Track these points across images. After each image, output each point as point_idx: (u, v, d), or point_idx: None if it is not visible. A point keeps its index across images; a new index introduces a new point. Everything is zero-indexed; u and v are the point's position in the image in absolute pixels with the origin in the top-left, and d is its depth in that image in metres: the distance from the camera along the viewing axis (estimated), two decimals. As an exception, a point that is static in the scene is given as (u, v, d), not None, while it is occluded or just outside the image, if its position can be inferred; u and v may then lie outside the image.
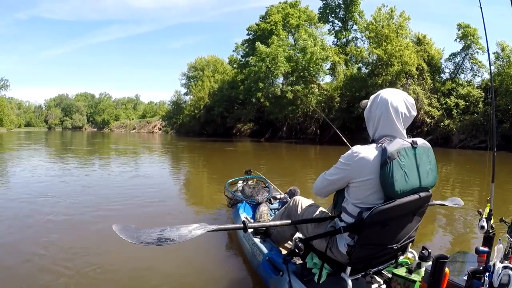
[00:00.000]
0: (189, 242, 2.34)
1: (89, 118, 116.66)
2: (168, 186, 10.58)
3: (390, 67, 28.62)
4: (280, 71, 35.70)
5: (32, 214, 6.53)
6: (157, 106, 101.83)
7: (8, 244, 4.97)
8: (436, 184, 2.76)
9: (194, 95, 53.02)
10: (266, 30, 43.14)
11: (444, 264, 2.35)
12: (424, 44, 31.26)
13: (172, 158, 19.89)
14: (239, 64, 48.32)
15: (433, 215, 6.41)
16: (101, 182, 10.72)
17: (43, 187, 9.25)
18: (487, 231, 2.90)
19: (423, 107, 27.88)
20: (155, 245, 2.19)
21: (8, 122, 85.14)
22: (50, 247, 4.80)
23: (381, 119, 2.56)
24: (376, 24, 31.16)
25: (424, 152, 2.58)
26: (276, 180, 7.86)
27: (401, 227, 2.69)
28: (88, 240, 5.14)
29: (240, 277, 4.02)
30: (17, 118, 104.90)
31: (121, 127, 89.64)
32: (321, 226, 2.88)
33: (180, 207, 7.70)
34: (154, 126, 75.51)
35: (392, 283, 2.76)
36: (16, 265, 4.22)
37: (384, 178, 2.37)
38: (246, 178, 6.16)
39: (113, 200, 7.88)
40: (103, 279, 3.94)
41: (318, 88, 36.45)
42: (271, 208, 4.84)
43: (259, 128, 44.21)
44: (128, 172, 12.79)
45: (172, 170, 14.80)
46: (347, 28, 44.57)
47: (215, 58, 58.93)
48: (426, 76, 29.66)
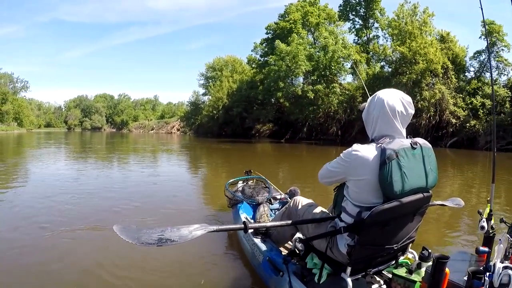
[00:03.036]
0: (190, 242, 2.35)
1: (108, 119, 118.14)
2: (182, 186, 10.50)
3: (414, 65, 27.76)
4: (301, 70, 35.21)
5: (46, 210, 6.90)
6: (175, 107, 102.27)
7: (29, 240, 5.18)
8: (460, 188, 2.51)
9: (213, 95, 52.73)
10: (286, 28, 42.49)
11: (445, 264, 2.34)
12: (448, 42, 30.22)
13: (189, 159, 19.92)
14: (258, 63, 47.97)
15: (433, 215, 6.39)
16: (114, 180, 11.12)
17: (60, 184, 9.85)
18: (487, 231, 2.89)
19: (448, 107, 27.11)
20: (156, 246, 2.20)
21: (28, 122, 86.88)
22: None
23: (379, 119, 2.56)
24: (399, 21, 30.37)
25: (424, 153, 2.57)
26: (299, 185, 7.68)
27: (401, 228, 2.69)
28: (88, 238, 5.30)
29: (240, 278, 4.04)
30: (37, 119, 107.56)
31: (140, 128, 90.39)
32: (321, 226, 2.89)
33: (187, 207, 7.61)
34: (172, 126, 75.63)
35: (392, 283, 2.77)
36: (41, 263, 4.35)
37: (383, 179, 2.37)
38: (246, 178, 6.15)
39: (121, 198, 8.10)
40: (104, 279, 3.97)
41: (340, 88, 35.83)
42: (271, 209, 4.87)
43: (278, 129, 43.66)
44: (142, 171, 13.12)
45: (188, 171, 14.81)
46: (368, 26, 43.95)
47: (233, 58, 58.87)
48: (451, 74, 28.72)
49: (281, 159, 20.44)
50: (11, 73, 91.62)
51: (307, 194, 6.40)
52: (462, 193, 9.13)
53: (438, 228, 6.05)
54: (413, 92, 27.23)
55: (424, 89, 27.43)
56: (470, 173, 13.68)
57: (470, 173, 13.86)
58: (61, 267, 4.26)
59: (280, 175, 12.39)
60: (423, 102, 27.07)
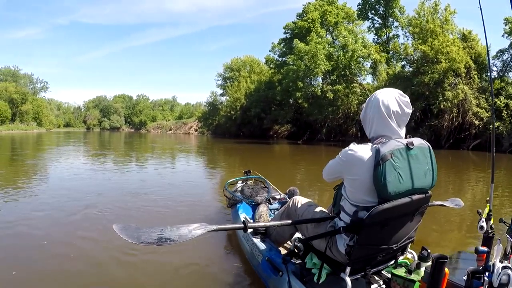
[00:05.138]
0: (189, 241, 2.37)
1: (127, 119, 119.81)
2: (192, 186, 10.50)
3: (436, 64, 26.93)
4: (320, 69, 34.85)
5: (66, 205, 7.24)
6: (193, 107, 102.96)
7: (48, 236, 5.35)
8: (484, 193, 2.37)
9: (230, 96, 52.68)
10: (304, 28, 42.08)
11: (444, 264, 2.33)
12: (470, 40, 29.02)
13: (207, 159, 20.16)
14: (276, 64, 47.81)
15: (432, 216, 6.31)
16: (118, 178, 11.48)
17: (77, 182, 10.30)
18: (487, 231, 2.89)
19: (471, 108, 26.25)
20: (156, 245, 2.21)
21: (47, 122, 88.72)
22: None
23: (374, 119, 2.56)
24: (420, 19, 29.63)
25: (421, 153, 2.54)
26: (317, 189, 8.01)
27: (401, 228, 2.69)
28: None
29: (239, 277, 4.03)
30: (57, 119, 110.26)
31: (158, 128, 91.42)
32: (320, 226, 2.91)
33: (193, 205, 7.67)
34: (190, 127, 76.06)
35: (391, 283, 2.76)
36: (58, 261, 4.44)
37: (377, 180, 2.37)
38: (246, 178, 6.18)
39: (132, 196, 8.30)
40: (103, 277, 4.02)
41: (360, 88, 35.31)
42: (271, 209, 4.87)
43: (296, 130, 43.11)
44: (152, 170, 13.65)
45: (203, 172, 14.94)
46: (388, 25, 43.17)
47: (251, 58, 58.77)
48: (473, 74, 27.66)
49: (297, 161, 20.27)
50: (31, 74, 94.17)
51: (307, 194, 6.39)
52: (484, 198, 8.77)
53: (438, 228, 6.02)
54: (435, 93, 26.70)
55: (446, 89, 26.59)
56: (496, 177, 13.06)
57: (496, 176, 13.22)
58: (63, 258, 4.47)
59: (297, 177, 12.31)
60: (445, 102, 26.29)
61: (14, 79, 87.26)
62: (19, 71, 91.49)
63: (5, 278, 3.87)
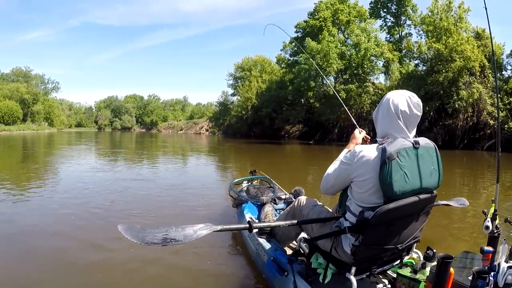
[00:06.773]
0: (194, 241, 2.35)
1: (138, 119, 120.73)
2: (200, 185, 10.52)
3: (451, 63, 26.51)
4: (332, 68, 34.53)
5: (74, 202, 7.40)
6: (204, 107, 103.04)
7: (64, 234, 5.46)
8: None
9: (242, 95, 52.64)
10: (315, 27, 41.56)
11: (449, 264, 2.35)
12: (484, 39, 28.43)
13: (217, 159, 20.13)
14: (287, 63, 47.55)
15: (438, 215, 6.24)
16: (140, 177, 11.60)
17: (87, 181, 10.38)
18: (492, 231, 2.82)
19: (486, 108, 25.78)
20: (161, 246, 2.20)
21: (58, 122, 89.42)
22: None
23: (384, 118, 2.57)
24: (434, 16, 29.23)
25: (427, 152, 2.54)
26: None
27: (406, 227, 2.68)
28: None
29: (244, 277, 4.05)
30: (68, 119, 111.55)
31: (169, 128, 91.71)
32: (326, 226, 2.91)
33: (198, 205, 7.60)
34: (201, 127, 76.19)
35: (397, 283, 2.79)
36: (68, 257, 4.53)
37: (382, 179, 2.37)
38: (251, 178, 6.17)
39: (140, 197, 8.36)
40: (103, 276, 4.03)
41: (373, 87, 34.97)
42: (276, 208, 4.87)
43: (308, 130, 42.77)
44: (167, 171, 13.66)
45: (213, 172, 14.91)
46: (400, 23, 42.74)
47: (262, 58, 58.72)
48: (488, 73, 27.12)
49: (308, 161, 20.11)
50: (42, 74, 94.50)
51: (312, 194, 6.31)
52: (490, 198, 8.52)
53: (443, 228, 6.00)
54: (449, 92, 26.30)
55: (461, 88, 26.16)
56: (508, 179, 12.73)
57: (508, 178, 12.87)
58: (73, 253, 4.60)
59: (308, 177, 12.25)
60: (460, 102, 25.91)
61: (26, 79, 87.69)
62: (31, 72, 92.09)
63: (15, 274, 3.98)
